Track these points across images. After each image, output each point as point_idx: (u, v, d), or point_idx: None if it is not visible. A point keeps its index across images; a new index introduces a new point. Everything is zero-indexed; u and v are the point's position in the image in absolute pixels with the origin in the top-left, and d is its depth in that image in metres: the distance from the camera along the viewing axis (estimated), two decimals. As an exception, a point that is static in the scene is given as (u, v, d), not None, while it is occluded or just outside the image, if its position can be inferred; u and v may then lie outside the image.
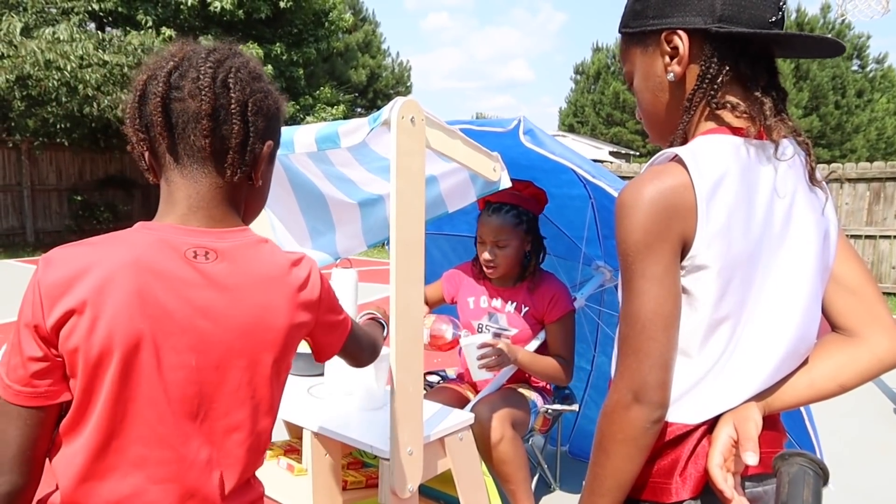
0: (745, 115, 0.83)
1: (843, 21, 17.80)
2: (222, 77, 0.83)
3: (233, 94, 0.82)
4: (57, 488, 0.82)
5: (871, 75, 20.44)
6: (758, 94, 0.83)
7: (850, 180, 7.75)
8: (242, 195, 0.90)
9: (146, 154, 0.85)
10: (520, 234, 2.11)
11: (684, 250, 0.79)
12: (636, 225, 0.78)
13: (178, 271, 0.80)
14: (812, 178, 0.87)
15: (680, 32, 0.84)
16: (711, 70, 0.83)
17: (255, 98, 0.85)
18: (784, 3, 0.82)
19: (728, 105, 0.83)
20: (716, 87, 0.84)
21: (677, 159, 0.80)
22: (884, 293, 7.90)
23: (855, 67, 20.14)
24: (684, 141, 0.87)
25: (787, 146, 0.85)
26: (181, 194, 0.85)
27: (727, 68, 0.83)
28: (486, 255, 2.11)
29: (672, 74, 0.86)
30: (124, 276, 0.77)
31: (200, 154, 0.83)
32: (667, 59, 0.86)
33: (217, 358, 0.82)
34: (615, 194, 1.75)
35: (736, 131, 0.83)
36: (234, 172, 0.85)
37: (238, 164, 0.85)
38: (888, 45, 40.37)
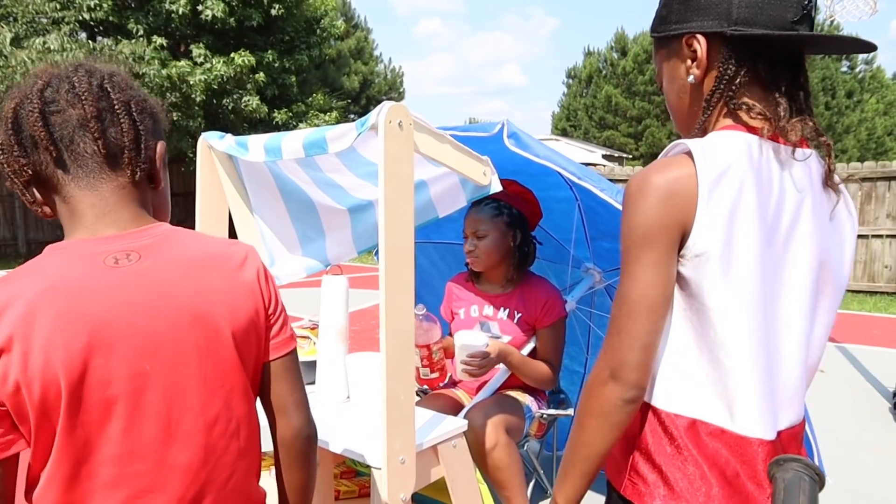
0: (760, 117, 0.84)
1: (833, 22, 17.94)
2: (97, 83, 0.81)
3: (113, 96, 0.81)
4: None
5: (860, 76, 20.59)
6: (776, 95, 0.85)
7: (841, 180, 7.78)
8: (148, 198, 0.88)
9: (31, 185, 0.81)
10: (499, 225, 2.10)
11: (684, 239, 0.81)
12: (638, 212, 0.81)
13: (103, 280, 0.76)
14: (828, 180, 0.89)
15: (699, 36, 0.86)
16: (729, 72, 0.85)
17: (135, 99, 0.84)
18: (809, 1, 0.82)
19: (744, 106, 0.85)
20: (734, 88, 0.85)
21: (687, 151, 0.82)
22: (877, 293, 7.95)
23: (844, 69, 20.28)
24: (704, 135, 0.89)
25: (804, 149, 0.86)
26: (84, 205, 0.81)
27: (745, 70, 0.85)
28: (467, 246, 2.13)
29: (692, 77, 0.89)
30: (46, 302, 0.73)
31: (94, 159, 0.81)
32: (688, 62, 0.89)
33: (172, 356, 0.78)
34: (601, 195, 1.75)
35: (752, 130, 0.85)
36: (135, 171, 0.83)
37: (136, 161, 0.83)
38: (877, 45, 40.78)
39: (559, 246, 2.57)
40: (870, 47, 0.84)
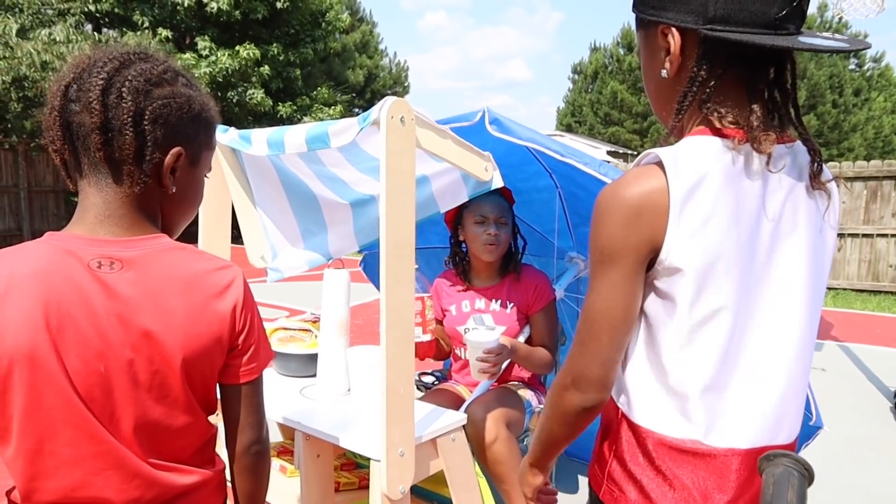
0: (733, 125, 0.79)
1: (840, 20, 17.82)
2: (117, 87, 0.83)
3: (124, 105, 0.82)
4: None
5: (868, 74, 20.47)
6: (751, 100, 0.79)
7: (847, 179, 7.76)
8: (156, 203, 0.90)
9: (65, 164, 0.87)
10: (511, 215, 2.15)
11: (656, 253, 0.78)
12: (605, 228, 0.79)
13: (80, 281, 0.81)
14: (813, 183, 0.83)
15: (673, 30, 0.80)
16: (701, 74, 0.78)
17: (153, 106, 0.84)
18: None
19: (716, 113, 0.79)
20: (707, 90, 0.79)
21: (658, 162, 0.78)
22: (881, 292, 7.90)
23: (852, 66, 20.15)
24: (680, 136, 0.84)
25: (784, 155, 0.80)
26: (90, 202, 0.86)
27: (719, 71, 0.78)
28: (491, 230, 2.07)
29: (665, 72, 0.82)
30: (26, 286, 0.78)
31: (102, 164, 0.85)
32: (662, 54, 0.82)
33: (124, 363, 0.82)
34: (586, 170, 1.72)
35: (727, 135, 0.79)
36: (134, 183, 0.85)
37: (136, 174, 0.85)
38: (885, 43, 40.48)
39: (542, 239, 2.57)
40: (863, 46, 0.78)
